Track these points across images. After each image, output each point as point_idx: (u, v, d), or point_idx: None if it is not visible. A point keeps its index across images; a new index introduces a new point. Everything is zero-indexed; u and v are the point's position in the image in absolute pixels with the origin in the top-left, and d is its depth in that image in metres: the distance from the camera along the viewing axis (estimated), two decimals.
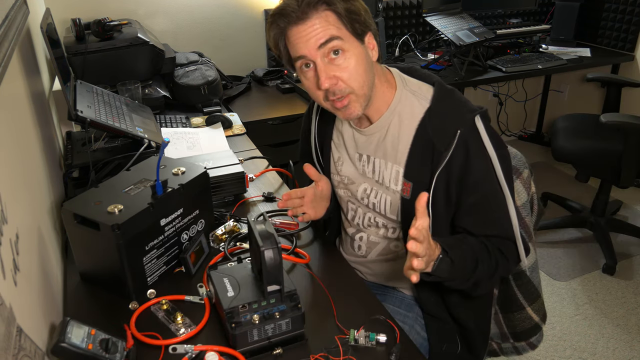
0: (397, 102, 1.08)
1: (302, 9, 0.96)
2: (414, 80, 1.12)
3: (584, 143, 2.38)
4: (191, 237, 1.14)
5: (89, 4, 2.24)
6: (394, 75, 1.11)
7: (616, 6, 3.00)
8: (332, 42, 0.97)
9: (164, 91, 1.98)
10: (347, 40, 0.99)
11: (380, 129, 1.10)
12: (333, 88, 1.00)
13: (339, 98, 1.02)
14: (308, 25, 0.97)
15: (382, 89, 1.08)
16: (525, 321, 1.25)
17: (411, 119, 1.07)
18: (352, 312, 0.99)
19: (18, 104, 1.05)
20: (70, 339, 0.79)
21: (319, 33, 0.97)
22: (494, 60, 2.70)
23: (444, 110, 1.05)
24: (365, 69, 1.01)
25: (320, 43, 0.97)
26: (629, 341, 2.02)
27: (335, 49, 0.98)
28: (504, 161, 1.04)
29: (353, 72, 1.00)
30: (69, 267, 1.13)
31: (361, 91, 1.02)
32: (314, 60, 0.99)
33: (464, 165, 1.01)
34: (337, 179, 1.23)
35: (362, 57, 1.01)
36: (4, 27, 0.92)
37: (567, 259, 2.50)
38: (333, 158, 1.23)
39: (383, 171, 1.12)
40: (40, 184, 1.13)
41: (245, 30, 2.60)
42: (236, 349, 0.87)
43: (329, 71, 0.99)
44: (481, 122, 1.02)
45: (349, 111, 1.04)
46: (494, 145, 1.02)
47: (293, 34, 0.99)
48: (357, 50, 1.00)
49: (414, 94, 1.09)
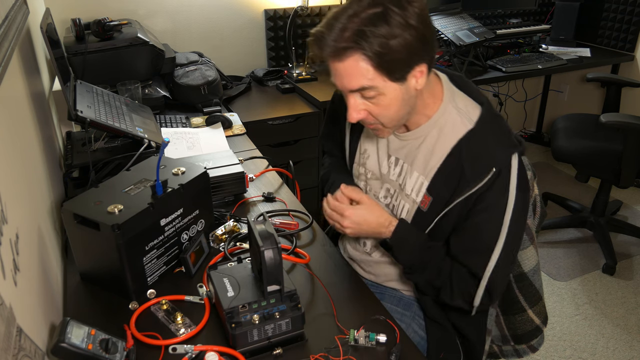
0: (440, 115, 1.04)
1: (337, 49, 0.90)
2: (462, 94, 1.07)
3: (584, 143, 2.38)
4: (191, 237, 1.14)
5: (89, 4, 2.24)
6: (442, 84, 1.06)
7: (616, 6, 3.00)
8: (362, 91, 0.95)
9: (164, 91, 1.98)
10: (381, 86, 0.93)
11: (417, 137, 1.08)
12: (362, 119, 1.00)
13: (368, 124, 1.03)
14: (342, 67, 0.92)
15: (423, 105, 1.04)
16: (526, 324, 1.25)
17: (451, 135, 1.03)
18: (352, 312, 0.99)
19: (18, 104, 1.05)
20: (70, 339, 0.79)
21: (351, 80, 0.93)
22: (494, 60, 2.70)
23: (486, 137, 1.00)
24: (399, 107, 0.98)
25: (351, 89, 0.95)
26: (629, 341, 2.02)
27: (367, 95, 0.95)
28: (519, 204, 0.99)
29: (384, 111, 0.98)
30: (69, 267, 1.13)
31: (390, 125, 1.02)
32: (346, 94, 0.98)
33: (482, 194, 0.99)
34: (360, 170, 1.21)
35: (398, 99, 0.96)
36: (4, 27, 0.92)
37: (567, 259, 2.50)
38: (360, 149, 1.21)
39: (407, 178, 1.10)
40: (40, 184, 1.13)
41: (245, 30, 2.60)
42: (236, 349, 0.87)
43: (359, 106, 0.98)
44: (516, 162, 0.98)
45: (377, 133, 1.06)
46: (518, 187, 0.98)
47: (331, 65, 0.95)
48: (393, 92, 0.95)
49: (459, 111, 1.04)
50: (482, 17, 3.10)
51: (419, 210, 1.08)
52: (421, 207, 1.08)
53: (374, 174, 1.18)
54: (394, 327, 0.95)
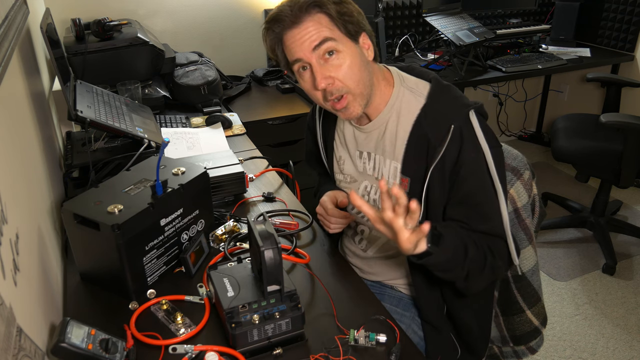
0: (395, 99, 1.10)
1: (295, 13, 0.99)
2: (411, 77, 1.13)
3: (584, 143, 2.38)
4: (191, 237, 1.14)
5: (89, 4, 2.24)
6: (392, 73, 1.13)
7: (616, 6, 3.00)
8: (325, 44, 0.99)
9: (164, 91, 1.98)
10: (340, 40, 1.01)
11: (379, 126, 1.12)
12: (330, 88, 1.02)
13: (337, 98, 1.03)
14: (302, 29, 0.99)
15: (380, 87, 1.10)
16: (524, 325, 1.25)
17: (408, 115, 1.08)
18: (352, 312, 0.99)
19: (18, 104, 1.05)
20: (70, 339, 0.79)
21: (313, 35, 0.99)
22: (494, 60, 2.70)
23: (439, 105, 1.06)
24: (360, 67, 1.03)
25: (315, 45, 0.99)
26: (629, 341, 2.02)
27: (330, 50, 1.00)
28: (497, 159, 1.03)
29: (348, 70, 1.01)
30: (69, 267, 1.13)
31: (357, 89, 1.03)
32: (309, 62, 1.01)
33: (457, 158, 1.02)
34: (340, 178, 1.25)
35: (357, 56, 1.02)
36: (4, 27, 0.93)
37: (567, 259, 2.50)
38: (336, 157, 1.25)
39: (382, 168, 1.13)
40: (40, 184, 1.13)
41: (245, 30, 2.60)
42: (236, 349, 0.87)
43: (325, 72, 1.01)
44: (475, 117, 1.03)
45: (349, 111, 1.06)
46: (488, 141, 1.02)
47: (288, 39, 1.01)
48: (351, 50, 1.02)
49: (412, 91, 1.10)
50: (482, 17, 3.10)
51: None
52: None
53: (352, 177, 1.21)
54: (394, 327, 0.95)
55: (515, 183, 1.15)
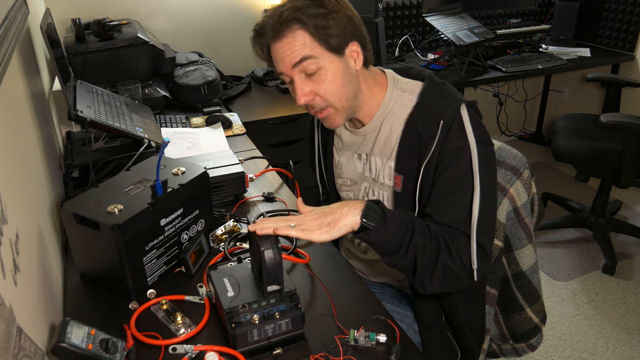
0: (388, 101, 1.10)
1: (276, 28, 0.98)
2: (404, 79, 1.12)
3: (584, 143, 2.38)
4: (191, 237, 1.14)
5: (89, 4, 2.24)
6: (387, 76, 1.12)
7: (616, 6, 3.00)
8: (304, 62, 0.99)
9: (164, 91, 1.98)
10: (321, 56, 0.99)
11: (374, 129, 1.12)
12: (311, 103, 1.03)
13: (318, 110, 1.05)
14: (284, 43, 0.99)
15: (371, 92, 1.09)
16: (524, 322, 1.25)
17: (401, 114, 1.08)
18: (352, 312, 0.99)
19: (18, 104, 1.05)
20: (70, 339, 0.79)
21: (292, 53, 0.98)
22: (494, 60, 2.70)
23: (431, 103, 1.05)
24: (344, 82, 1.02)
25: (294, 63, 0.99)
26: (629, 341, 2.02)
27: (309, 68, 0.99)
28: (483, 155, 0.98)
29: (329, 87, 1.01)
30: (69, 267, 1.13)
31: (339, 104, 1.04)
32: (291, 77, 1.02)
33: (441, 149, 1.00)
34: (340, 182, 1.25)
35: (339, 71, 1.01)
36: (4, 27, 0.92)
37: (567, 259, 2.50)
38: (335, 163, 1.26)
39: (379, 169, 1.14)
40: (40, 184, 1.13)
41: (245, 30, 2.60)
42: (236, 349, 0.87)
43: (305, 87, 1.02)
44: (466, 111, 1.00)
45: (330, 122, 1.07)
46: (476, 136, 0.98)
47: (273, 51, 1.02)
48: (333, 64, 1.00)
49: (404, 92, 1.09)
50: (482, 17, 3.11)
51: (395, 194, 1.10)
52: (395, 189, 1.10)
53: (352, 180, 1.22)
54: (394, 327, 0.94)
55: (515, 182, 1.15)
